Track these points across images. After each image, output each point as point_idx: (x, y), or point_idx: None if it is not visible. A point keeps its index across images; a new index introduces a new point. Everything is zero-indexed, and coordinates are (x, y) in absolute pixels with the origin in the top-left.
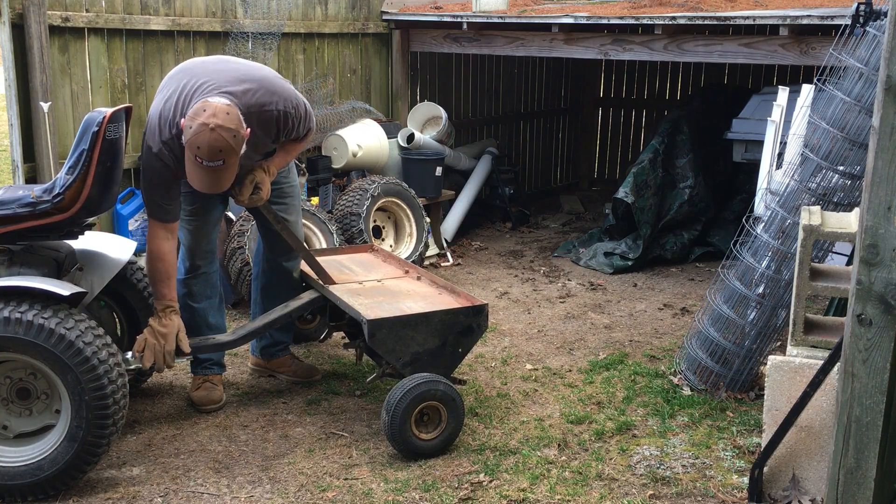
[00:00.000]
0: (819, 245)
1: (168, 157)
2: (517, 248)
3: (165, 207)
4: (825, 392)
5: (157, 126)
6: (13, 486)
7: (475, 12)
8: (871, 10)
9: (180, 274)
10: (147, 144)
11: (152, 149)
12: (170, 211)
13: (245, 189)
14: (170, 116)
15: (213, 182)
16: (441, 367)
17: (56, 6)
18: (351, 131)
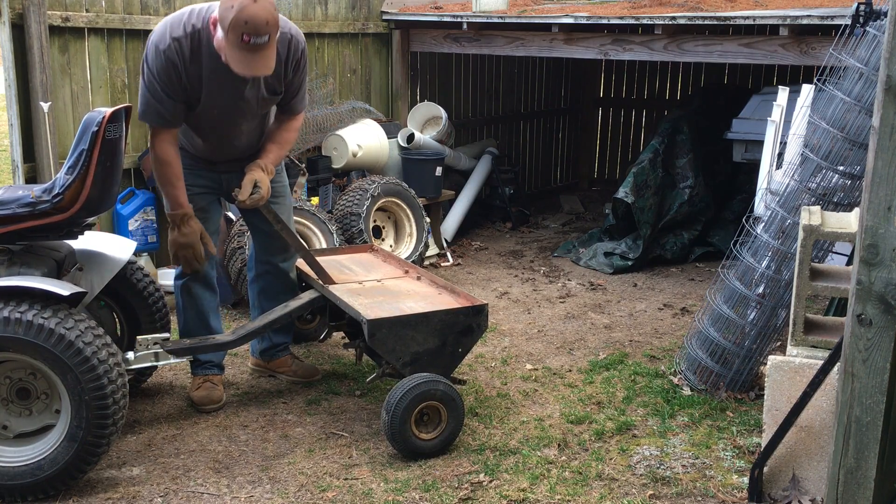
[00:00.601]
0: (819, 245)
1: (177, 53)
2: (517, 248)
3: (167, 110)
4: (825, 392)
5: (166, 30)
6: (13, 486)
7: (475, 12)
8: (871, 10)
9: (180, 274)
10: (152, 47)
11: (159, 46)
12: (172, 113)
13: (245, 189)
14: (184, 18)
15: (259, 62)
16: (441, 367)
17: (56, 6)
18: (351, 131)
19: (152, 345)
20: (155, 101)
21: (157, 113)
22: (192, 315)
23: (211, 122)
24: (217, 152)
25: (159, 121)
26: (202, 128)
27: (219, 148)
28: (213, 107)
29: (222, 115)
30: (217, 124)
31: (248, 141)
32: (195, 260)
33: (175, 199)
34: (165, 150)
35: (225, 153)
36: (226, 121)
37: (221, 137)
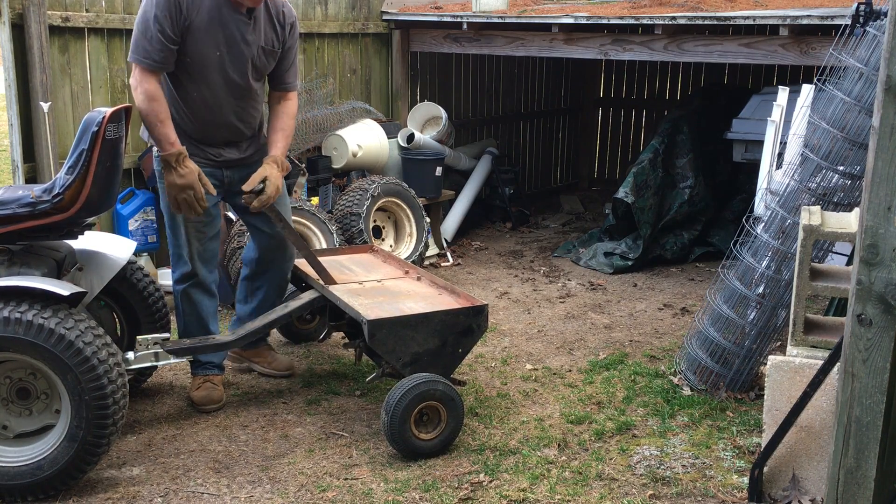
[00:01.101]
0: (819, 245)
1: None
2: (517, 248)
3: (159, 50)
4: (825, 392)
5: None
6: (13, 486)
7: (475, 12)
8: (871, 10)
9: (180, 278)
10: None
11: None
12: (163, 56)
13: (252, 180)
14: None
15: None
16: (441, 367)
17: (56, 6)
18: (351, 131)
19: (152, 345)
20: (146, 40)
21: (146, 52)
22: (192, 320)
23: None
24: (212, 127)
25: (147, 61)
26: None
27: (214, 119)
28: (212, 56)
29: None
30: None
31: (241, 116)
32: (196, 202)
33: (166, 138)
34: (154, 86)
35: (220, 128)
36: (224, 77)
37: (218, 103)
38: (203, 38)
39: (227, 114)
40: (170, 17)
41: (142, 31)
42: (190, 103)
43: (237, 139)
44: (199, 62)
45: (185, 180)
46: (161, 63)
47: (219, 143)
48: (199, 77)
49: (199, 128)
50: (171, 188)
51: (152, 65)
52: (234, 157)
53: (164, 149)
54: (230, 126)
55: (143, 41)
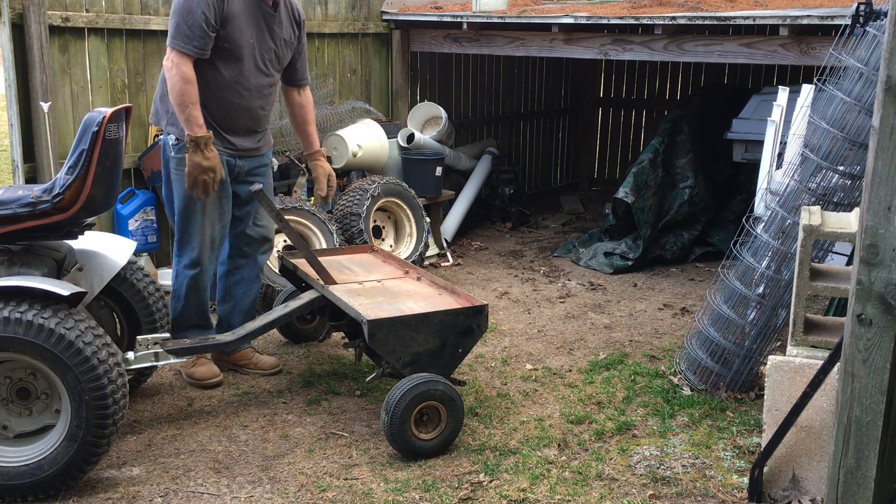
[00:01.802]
0: (819, 245)
1: None
2: (517, 248)
3: (199, 37)
4: (825, 392)
5: None
6: (13, 486)
7: (475, 12)
8: (871, 10)
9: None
10: None
11: None
12: (203, 42)
13: (321, 182)
14: None
15: None
16: (441, 367)
17: (56, 6)
18: (351, 131)
19: (152, 345)
20: (188, 27)
21: (188, 38)
22: (193, 307)
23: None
24: (238, 113)
25: (188, 47)
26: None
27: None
28: (247, 44)
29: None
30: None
31: (264, 105)
32: (212, 185)
33: (196, 120)
34: (190, 70)
35: (244, 116)
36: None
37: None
38: (240, 25)
39: (254, 101)
40: (213, 7)
41: (184, 18)
42: (223, 88)
43: (256, 128)
44: (235, 49)
45: (209, 163)
46: (200, 49)
47: (240, 132)
48: (233, 63)
49: (225, 114)
50: (195, 169)
51: (192, 51)
52: (248, 147)
53: (193, 131)
54: (254, 114)
55: (185, 28)
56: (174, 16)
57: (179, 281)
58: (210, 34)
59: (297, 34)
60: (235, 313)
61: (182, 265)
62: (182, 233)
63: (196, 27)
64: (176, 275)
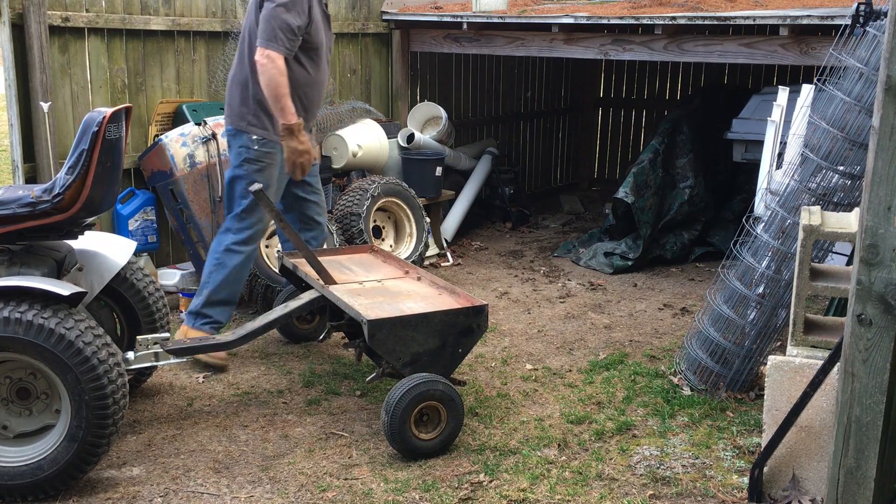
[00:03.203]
0: (819, 245)
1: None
2: (517, 248)
3: (292, 39)
4: (825, 392)
5: None
6: (13, 486)
7: (475, 12)
8: (871, 10)
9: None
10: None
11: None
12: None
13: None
14: None
15: None
16: (441, 367)
17: (56, 6)
18: (351, 131)
19: (152, 345)
20: (282, 32)
21: (282, 41)
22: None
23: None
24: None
25: (283, 49)
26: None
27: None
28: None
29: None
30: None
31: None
32: (308, 166)
33: (290, 109)
34: (283, 65)
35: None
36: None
37: (322, 82)
38: (318, 27)
39: (322, 93)
40: (302, 13)
41: (278, 23)
42: (308, 85)
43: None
44: (319, 48)
45: (304, 146)
46: (290, 50)
47: (308, 121)
48: (317, 61)
49: (308, 106)
50: (293, 153)
51: (284, 51)
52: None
53: (288, 119)
54: (319, 104)
55: (279, 31)
56: (268, 21)
57: (232, 257)
58: (299, 37)
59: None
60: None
61: (241, 240)
62: (247, 214)
63: (289, 31)
64: (226, 251)
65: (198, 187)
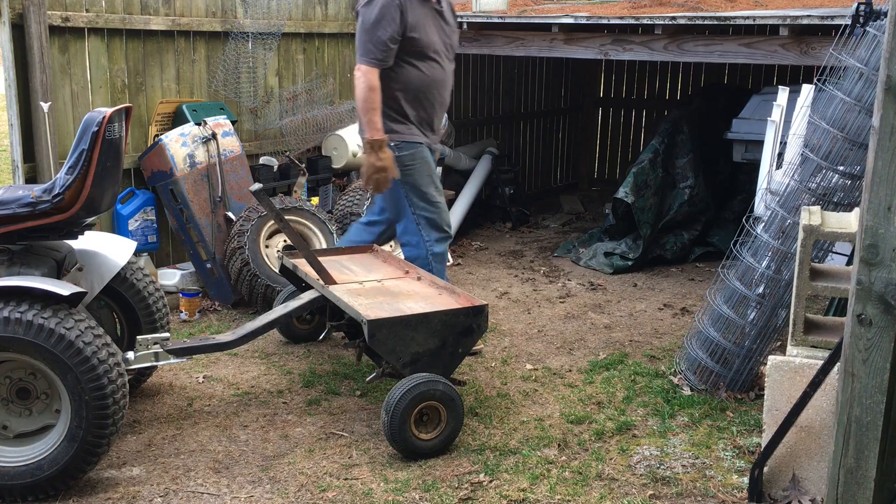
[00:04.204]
0: (819, 245)
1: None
2: (517, 248)
3: (383, 50)
4: (825, 392)
5: None
6: (13, 486)
7: (475, 12)
8: (871, 10)
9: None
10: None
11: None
12: (385, 53)
13: None
14: None
15: None
16: (441, 367)
17: (56, 6)
18: (351, 131)
19: (152, 345)
20: (372, 44)
21: (372, 53)
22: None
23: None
24: (440, 107)
25: (373, 60)
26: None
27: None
28: (431, 43)
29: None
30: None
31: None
32: (385, 184)
33: (375, 125)
34: (375, 79)
35: (443, 107)
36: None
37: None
38: (424, 28)
39: (447, 90)
40: (394, 23)
41: (369, 37)
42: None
43: (442, 116)
44: (427, 50)
45: (384, 163)
46: (382, 61)
47: (436, 122)
48: (429, 62)
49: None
50: (370, 168)
51: (376, 63)
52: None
53: (371, 134)
54: (445, 103)
55: (370, 45)
56: (360, 35)
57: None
58: (392, 47)
59: (456, 21)
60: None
61: (434, 239)
62: (430, 213)
63: (380, 43)
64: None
65: (198, 187)
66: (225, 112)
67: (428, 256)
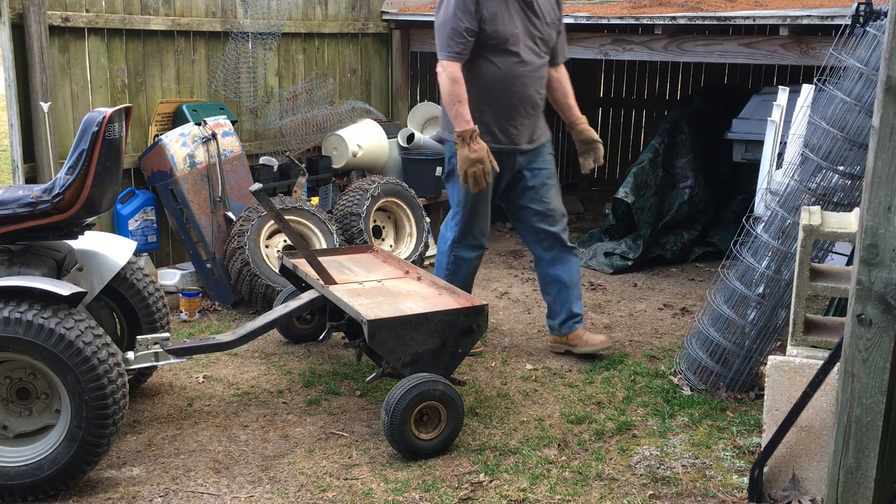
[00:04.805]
0: (819, 245)
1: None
2: (517, 248)
3: (457, 43)
4: (825, 392)
5: None
6: (13, 486)
7: None
8: (871, 10)
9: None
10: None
11: None
12: (464, 46)
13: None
14: None
15: None
16: (441, 367)
17: (56, 6)
18: (351, 131)
19: (152, 345)
20: (448, 37)
21: (450, 47)
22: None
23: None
24: (519, 104)
25: (452, 54)
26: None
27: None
28: (511, 34)
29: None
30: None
31: (539, 88)
32: (483, 177)
33: (463, 117)
34: (457, 70)
35: (525, 104)
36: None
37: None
38: (502, 19)
39: (531, 87)
40: (468, 14)
41: (445, 31)
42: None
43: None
44: (503, 42)
45: (477, 155)
46: (460, 53)
47: (520, 122)
48: (506, 55)
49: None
50: (464, 162)
51: (455, 56)
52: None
53: (460, 126)
54: (532, 100)
55: (447, 39)
56: (438, 29)
57: (458, 264)
58: (469, 39)
59: (558, 14)
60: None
61: (464, 250)
62: (467, 222)
63: (456, 35)
64: (455, 260)
65: (198, 187)
66: (225, 112)
67: (450, 255)
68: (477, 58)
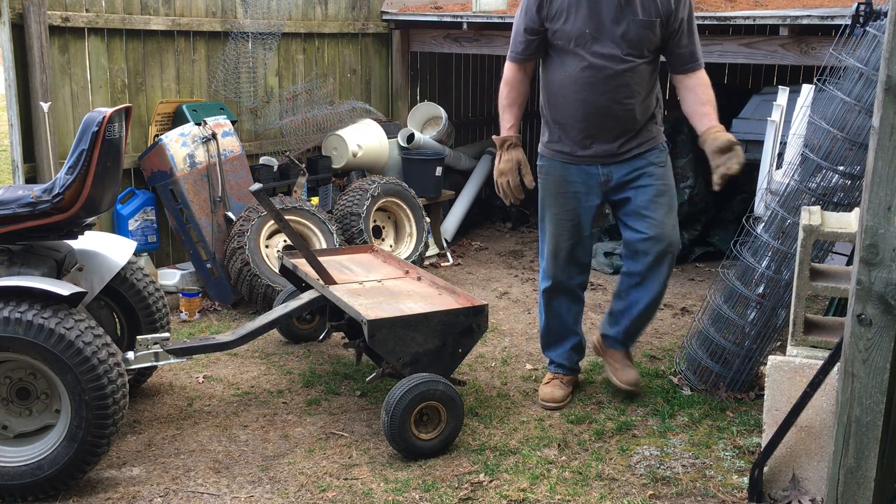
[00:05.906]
0: (819, 245)
1: None
2: (517, 248)
3: (517, 42)
4: (825, 392)
5: None
6: (13, 486)
7: (475, 12)
8: (871, 10)
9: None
10: None
11: None
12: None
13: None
14: None
15: None
16: (441, 367)
17: (56, 6)
18: (351, 131)
19: (152, 345)
20: (512, 37)
21: (511, 47)
22: (553, 323)
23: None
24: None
25: (511, 54)
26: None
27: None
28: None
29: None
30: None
31: (617, 97)
32: (511, 190)
33: (503, 122)
34: (511, 73)
35: (596, 113)
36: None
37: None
38: (570, 17)
39: (604, 94)
40: (530, 11)
41: (513, 31)
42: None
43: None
44: (566, 43)
45: (504, 165)
46: (520, 54)
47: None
48: (570, 57)
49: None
50: (495, 171)
51: (514, 57)
52: (610, 151)
53: (501, 131)
54: (607, 109)
55: (512, 39)
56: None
57: (540, 294)
58: (530, 38)
59: (660, 12)
60: (625, 316)
61: (540, 277)
62: (541, 242)
63: (517, 34)
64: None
65: (198, 187)
66: (225, 112)
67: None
68: (548, 59)
